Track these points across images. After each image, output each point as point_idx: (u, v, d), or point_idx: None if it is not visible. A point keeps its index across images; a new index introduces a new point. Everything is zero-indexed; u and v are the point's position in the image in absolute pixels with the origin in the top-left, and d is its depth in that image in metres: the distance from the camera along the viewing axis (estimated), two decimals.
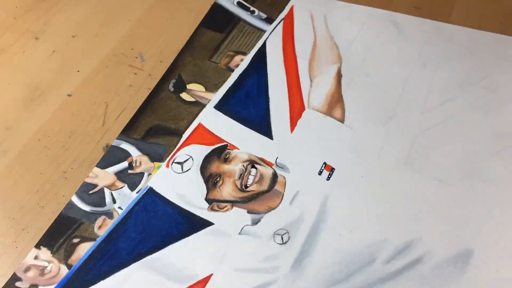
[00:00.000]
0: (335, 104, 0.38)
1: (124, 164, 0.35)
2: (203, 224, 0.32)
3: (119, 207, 0.33)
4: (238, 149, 0.35)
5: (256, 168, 0.34)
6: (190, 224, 0.32)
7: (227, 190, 0.33)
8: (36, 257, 0.31)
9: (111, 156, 0.35)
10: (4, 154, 0.36)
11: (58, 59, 0.42)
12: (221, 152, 0.35)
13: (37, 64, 0.41)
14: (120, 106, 0.38)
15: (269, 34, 0.42)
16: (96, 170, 0.35)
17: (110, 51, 0.42)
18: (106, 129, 0.37)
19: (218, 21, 0.43)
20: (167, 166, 0.35)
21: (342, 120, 0.37)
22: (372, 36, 0.42)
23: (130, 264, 0.31)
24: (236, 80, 0.39)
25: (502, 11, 0.42)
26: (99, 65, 0.41)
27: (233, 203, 0.33)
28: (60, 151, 0.36)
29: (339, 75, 0.39)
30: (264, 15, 0.44)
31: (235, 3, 0.45)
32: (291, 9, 0.44)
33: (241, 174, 0.34)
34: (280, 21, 0.43)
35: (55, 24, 0.44)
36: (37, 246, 0.31)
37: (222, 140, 0.36)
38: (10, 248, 0.32)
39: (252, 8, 0.44)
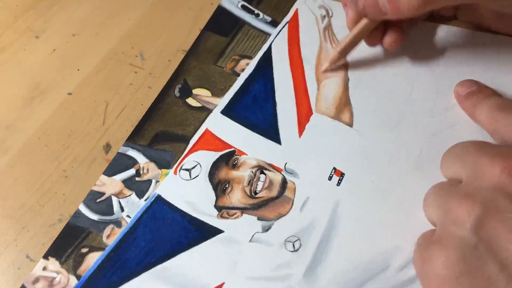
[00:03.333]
0: (343, 107, 0.37)
1: (131, 171, 0.35)
2: (213, 232, 0.32)
3: (128, 216, 0.33)
4: (247, 154, 0.35)
5: (265, 174, 0.34)
6: (200, 232, 0.32)
7: (236, 196, 0.33)
8: (44, 268, 0.31)
9: (118, 163, 0.35)
10: (4, 152, 0.36)
11: (58, 57, 0.42)
12: (229, 158, 0.35)
13: (38, 62, 0.41)
14: (120, 105, 0.38)
15: (274, 38, 0.42)
16: (103, 178, 0.34)
17: (110, 49, 0.42)
18: (106, 127, 0.37)
19: (222, 24, 0.43)
20: (175, 173, 0.34)
21: (350, 124, 0.36)
22: None
23: (140, 274, 0.30)
24: (242, 84, 0.39)
25: None
26: (100, 63, 0.41)
27: (242, 210, 0.33)
28: (60, 150, 0.36)
29: (345, 78, 0.39)
30: (269, 18, 0.43)
31: (239, 6, 0.44)
32: (296, 12, 0.44)
33: (250, 180, 0.34)
34: (285, 25, 0.43)
35: (55, 23, 0.44)
36: (45, 257, 0.31)
37: (230, 146, 0.36)
38: (10, 247, 0.32)
39: (256, 11, 0.44)
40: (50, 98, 0.39)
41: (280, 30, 0.43)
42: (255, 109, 0.38)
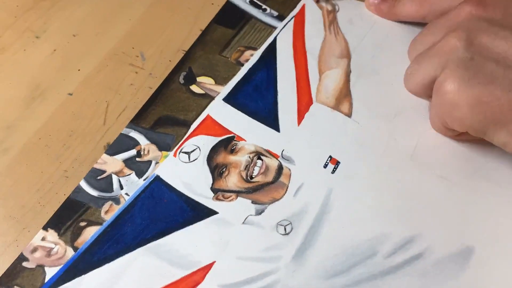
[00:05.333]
0: (343, 98, 0.38)
1: (133, 152, 0.36)
2: (208, 212, 0.33)
3: (126, 194, 0.34)
4: (245, 140, 0.36)
5: (262, 160, 0.35)
6: (195, 212, 0.33)
7: (232, 180, 0.34)
8: (43, 239, 0.32)
9: (120, 143, 0.36)
10: (4, 153, 0.36)
11: (58, 58, 0.41)
12: (228, 143, 0.36)
13: (38, 63, 0.41)
14: (121, 105, 0.38)
15: (280, 31, 0.43)
16: (105, 156, 0.35)
17: (111, 50, 0.41)
18: (107, 128, 0.37)
19: (230, 18, 0.44)
20: (175, 155, 0.35)
21: (349, 115, 0.37)
22: (383, 33, 0.42)
23: (134, 249, 0.31)
24: (246, 74, 0.40)
25: None
26: (100, 64, 0.41)
27: (238, 193, 0.33)
28: (61, 150, 0.36)
29: (347, 70, 0.39)
30: (275, 13, 0.44)
31: (248, 1, 0.45)
32: (303, 7, 0.45)
33: (247, 165, 0.34)
34: (292, 18, 0.44)
35: (55, 23, 0.44)
36: (45, 228, 0.32)
37: (230, 132, 0.36)
38: (11, 247, 0.32)
39: (264, 6, 0.45)
40: (50, 98, 0.39)
41: (286, 24, 0.43)
42: (257, 97, 0.38)
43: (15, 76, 0.40)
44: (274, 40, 0.42)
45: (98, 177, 0.34)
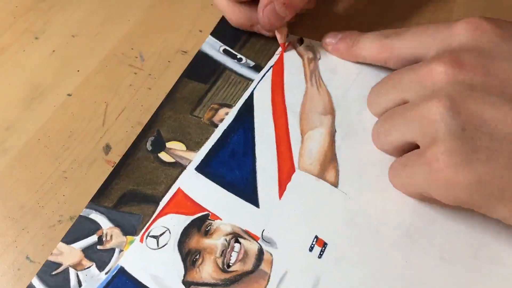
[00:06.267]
0: (328, 164, 0.34)
1: (93, 238, 0.31)
2: None
3: None
4: (221, 219, 0.32)
5: (240, 243, 0.31)
6: None
7: (207, 270, 0.30)
8: None
9: (79, 228, 0.32)
10: (4, 153, 0.36)
11: (58, 58, 0.42)
12: (201, 224, 0.32)
13: (37, 63, 0.41)
14: (120, 106, 0.38)
15: (257, 84, 0.39)
16: (61, 246, 0.31)
17: (110, 50, 0.42)
18: (106, 128, 0.37)
19: (202, 70, 0.40)
20: (141, 240, 0.31)
21: (335, 184, 0.33)
22: (368, 84, 0.38)
23: None
24: (220, 137, 0.36)
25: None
26: (99, 64, 0.41)
27: (213, 286, 0.29)
28: (60, 151, 0.36)
29: (332, 130, 0.36)
30: (252, 63, 0.41)
31: (221, 50, 0.41)
32: (281, 56, 0.41)
33: (223, 250, 0.30)
34: (269, 69, 0.40)
35: (55, 24, 0.44)
36: None
37: (204, 209, 0.32)
38: (10, 248, 0.31)
39: (239, 56, 0.41)
40: (49, 99, 0.39)
41: (263, 75, 0.40)
42: (233, 165, 0.35)
43: (14, 76, 0.41)
44: (251, 95, 0.39)
45: (53, 272, 0.30)
